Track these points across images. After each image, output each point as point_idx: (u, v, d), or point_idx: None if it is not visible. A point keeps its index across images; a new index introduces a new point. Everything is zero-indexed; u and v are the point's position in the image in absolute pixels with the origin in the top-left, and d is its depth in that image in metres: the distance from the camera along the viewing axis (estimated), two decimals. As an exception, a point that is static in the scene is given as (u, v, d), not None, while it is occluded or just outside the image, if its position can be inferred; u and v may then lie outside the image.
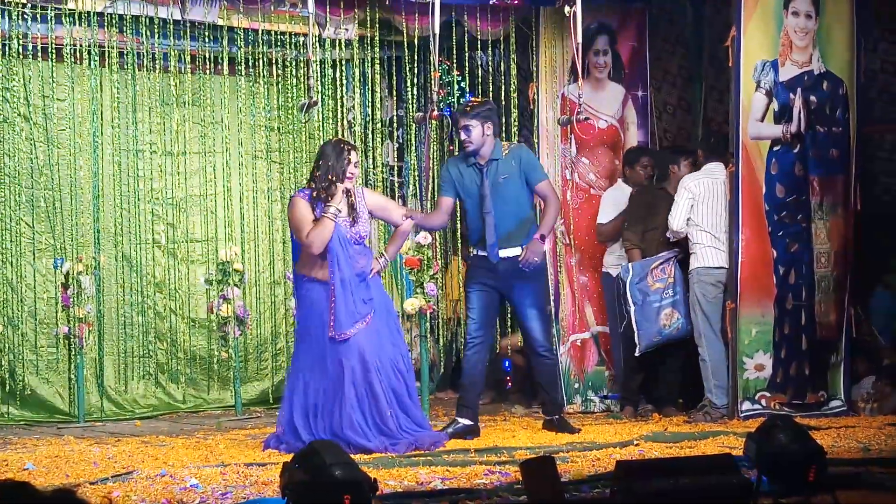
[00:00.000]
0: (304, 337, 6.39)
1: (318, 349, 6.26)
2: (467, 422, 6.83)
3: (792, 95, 7.40)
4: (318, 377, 6.23)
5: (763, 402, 7.35)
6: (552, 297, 8.16)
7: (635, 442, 6.27)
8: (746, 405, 7.31)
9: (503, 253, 6.79)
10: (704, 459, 4.80)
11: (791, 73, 7.42)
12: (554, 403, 7.12)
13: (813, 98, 7.46)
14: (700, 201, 7.49)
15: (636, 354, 7.62)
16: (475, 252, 6.93)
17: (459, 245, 8.91)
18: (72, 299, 7.73)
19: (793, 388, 7.41)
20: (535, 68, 8.32)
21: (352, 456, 4.27)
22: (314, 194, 6.27)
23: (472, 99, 7.26)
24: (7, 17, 7.63)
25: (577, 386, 8.18)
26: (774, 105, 7.39)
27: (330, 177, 6.25)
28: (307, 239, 6.23)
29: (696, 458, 5.07)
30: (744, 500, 4.15)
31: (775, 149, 7.42)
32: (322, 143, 6.66)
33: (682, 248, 7.67)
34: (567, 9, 7.10)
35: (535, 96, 8.30)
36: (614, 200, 7.99)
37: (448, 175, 6.95)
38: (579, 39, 7.06)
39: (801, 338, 7.45)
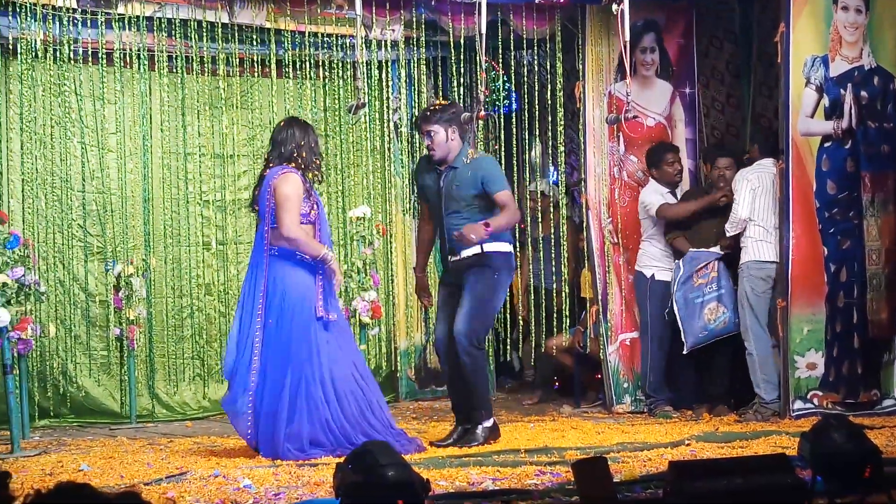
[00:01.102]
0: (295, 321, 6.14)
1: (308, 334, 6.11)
2: (488, 423, 6.54)
3: (842, 91, 7.33)
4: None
5: (815, 401, 7.28)
6: (599, 296, 8.15)
7: (687, 442, 6.23)
8: (798, 404, 7.25)
9: (465, 253, 6.44)
10: (758, 459, 4.75)
11: (841, 68, 7.34)
12: (476, 409, 6.50)
13: (864, 93, 7.38)
14: (756, 195, 7.45)
15: (684, 352, 7.59)
16: (450, 259, 6.61)
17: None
18: (123, 302, 7.82)
19: (845, 386, 7.34)
20: (581, 67, 8.30)
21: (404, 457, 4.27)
22: (307, 175, 6.16)
23: (436, 102, 6.87)
24: (58, 23, 7.73)
25: (626, 385, 8.14)
26: (825, 101, 7.32)
27: (315, 160, 6.19)
28: (294, 227, 6.02)
29: (750, 458, 5.02)
30: (798, 500, 4.11)
31: (826, 145, 7.35)
32: (282, 123, 6.35)
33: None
34: (615, 6, 7.06)
35: (582, 95, 8.27)
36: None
37: (416, 181, 6.78)
38: (627, 37, 7.02)
39: (853, 336, 7.37)
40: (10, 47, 7.70)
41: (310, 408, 6.03)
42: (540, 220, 9.05)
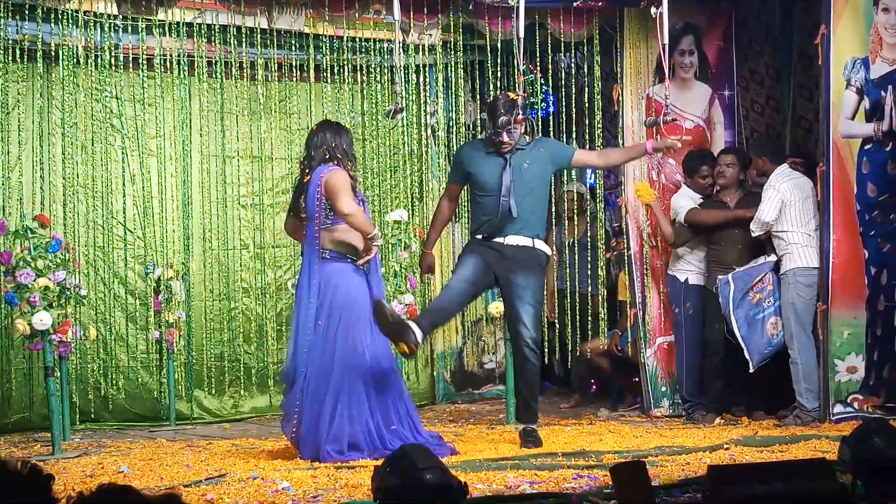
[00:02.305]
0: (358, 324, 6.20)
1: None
2: (533, 425, 6.62)
3: (883, 93, 7.25)
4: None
5: (855, 405, 7.21)
6: (638, 300, 8.12)
7: (725, 446, 6.19)
8: (838, 408, 7.19)
9: (513, 240, 6.58)
10: (798, 464, 4.71)
11: (882, 70, 7.27)
12: (530, 410, 6.67)
13: (904, 95, 7.32)
14: (794, 200, 7.39)
15: (750, 371, 7.51)
16: (479, 236, 6.68)
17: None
18: (163, 304, 7.88)
19: (886, 390, 7.26)
20: (619, 70, 8.27)
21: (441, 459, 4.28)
22: (351, 174, 6.23)
23: (510, 94, 6.96)
24: (99, 29, 7.81)
25: (664, 389, 8.11)
26: (865, 103, 7.25)
27: (351, 161, 6.27)
28: (351, 203, 6.07)
29: (790, 463, 4.97)
30: (839, 505, 4.08)
31: (866, 147, 7.28)
32: (314, 128, 6.43)
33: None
34: (653, 10, 7.03)
35: (620, 98, 8.25)
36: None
37: (461, 162, 6.79)
38: (666, 40, 6.98)
39: (894, 339, 7.28)
40: (53, 54, 7.78)
41: (351, 411, 6.06)
42: (576, 221, 9.01)
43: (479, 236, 6.67)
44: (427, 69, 8.86)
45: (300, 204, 6.27)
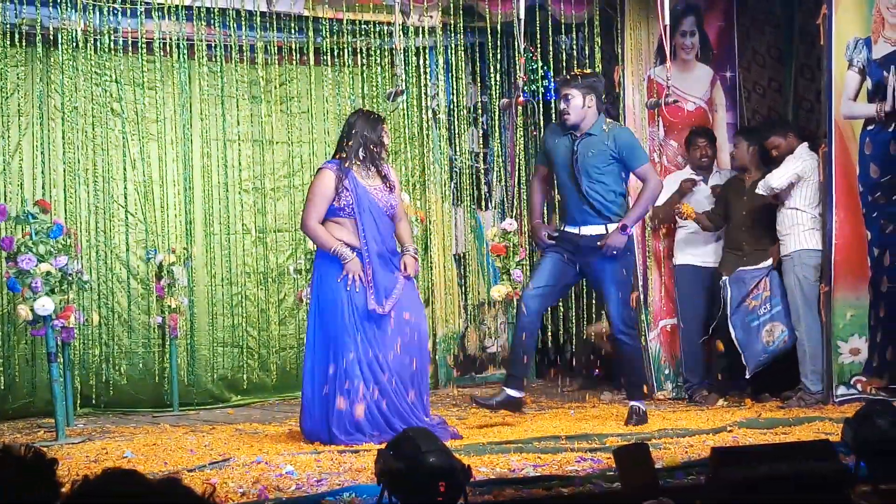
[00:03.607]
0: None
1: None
2: (515, 393, 6.72)
3: (885, 73, 7.23)
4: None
5: (859, 386, 7.21)
6: (640, 283, 8.11)
7: (729, 428, 6.20)
8: (842, 390, 7.19)
9: (585, 230, 6.64)
10: (801, 446, 4.71)
11: (884, 50, 7.24)
12: (634, 386, 6.82)
13: (907, 75, 7.29)
14: (812, 180, 7.37)
15: (746, 377, 7.53)
16: (562, 227, 6.79)
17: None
18: (165, 290, 7.87)
19: (889, 372, 7.26)
20: (620, 51, 8.24)
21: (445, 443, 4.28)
22: (345, 164, 6.22)
23: (578, 70, 7.04)
24: (98, 13, 7.78)
25: (667, 372, 8.10)
26: (867, 83, 7.23)
27: (371, 148, 6.23)
28: (309, 222, 6.19)
29: (793, 445, 4.98)
30: (842, 486, 4.07)
31: (869, 128, 7.26)
32: (351, 114, 6.54)
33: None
34: (654, -10, 7.01)
35: (621, 79, 8.22)
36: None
37: (544, 144, 6.89)
38: (667, 21, 6.96)
39: (897, 321, 7.30)
40: (51, 37, 7.75)
41: (352, 394, 6.07)
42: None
43: (562, 227, 6.74)
44: (427, 51, 8.83)
45: None
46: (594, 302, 8.60)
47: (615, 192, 6.68)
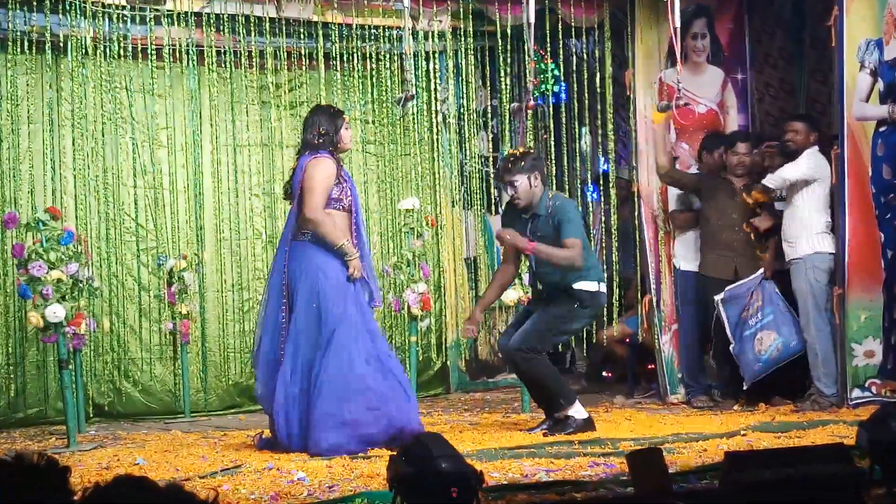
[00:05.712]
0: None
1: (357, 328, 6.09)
2: (583, 413, 6.63)
3: (897, 74, 7.21)
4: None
5: (873, 389, 7.17)
6: (653, 287, 8.08)
7: (742, 432, 6.17)
8: (856, 393, 7.15)
9: (541, 293, 6.74)
10: (816, 449, 4.69)
11: (896, 51, 7.22)
12: (551, 400, 6.63)
13: (919, 77, 7.26)
14: (825, 182, 7.32)
15: (743, 388, 7.51)
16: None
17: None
18: (176, 296, 7.87)
19: (904, 374, 7.23)
20: (630, 54, 8.22)
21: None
22: (335, 157, 6.14)
23: (511, 151, 6.97)
24: (107, 20, 7.79)
25: (679, 376, 8.06)
26: (879, 85, 7.20)
27: (338, 144, 6.13)
28: (319, 210, 5.99)
29: (807, 448, 4.96)
30: (857, 490, 4.04)
31: (881, 129, 7.22)
32: (312, 108, 6.43)
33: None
34: (665, -8, 6.99)
35: (632, 83, 8.20)
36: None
37: (505, 224, 6.82)
38: (678, 23, 6.94)
39: (912, 323, 7.26)
40: (61, 45, 7.76)
41: (347, 390, 5.99)
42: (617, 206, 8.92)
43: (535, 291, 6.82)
44: (437, 56, 8.83)
45: (289, 185, 6.23)
46: (605, 306, 8.55)
47: (563, 271, 6.54)
